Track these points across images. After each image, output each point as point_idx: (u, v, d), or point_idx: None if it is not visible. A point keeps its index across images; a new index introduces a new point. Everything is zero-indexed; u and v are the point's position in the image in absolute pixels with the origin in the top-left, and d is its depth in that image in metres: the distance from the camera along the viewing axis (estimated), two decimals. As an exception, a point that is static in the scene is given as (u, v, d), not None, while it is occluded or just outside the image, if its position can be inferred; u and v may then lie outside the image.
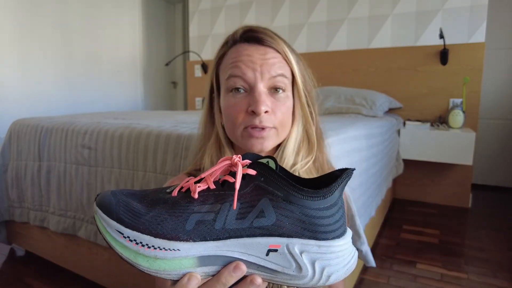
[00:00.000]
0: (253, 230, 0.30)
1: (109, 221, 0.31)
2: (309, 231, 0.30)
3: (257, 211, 0.31)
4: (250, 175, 0.32)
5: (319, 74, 0.60)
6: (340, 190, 0.32)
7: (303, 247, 0.30)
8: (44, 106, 2.50)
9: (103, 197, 0.32)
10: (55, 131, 1.30)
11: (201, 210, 0.31)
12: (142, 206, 0.32)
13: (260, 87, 0.51)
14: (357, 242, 0.95)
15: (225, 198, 0.31)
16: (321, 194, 0.30)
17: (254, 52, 0.52)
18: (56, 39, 2.58)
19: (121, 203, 0.31)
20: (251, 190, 0.31)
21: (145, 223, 0.30)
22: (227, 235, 0.30)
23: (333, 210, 0.31)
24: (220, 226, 0.30)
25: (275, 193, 0.31)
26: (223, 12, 3.05)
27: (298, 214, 0.30)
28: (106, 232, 0.31)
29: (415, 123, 2.19)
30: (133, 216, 0.31)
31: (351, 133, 1.20)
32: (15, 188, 1.43)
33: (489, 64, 2.58)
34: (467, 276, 1.38)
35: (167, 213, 0.31)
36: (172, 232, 0.30)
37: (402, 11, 2.35)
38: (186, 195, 0.32)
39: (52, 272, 1.42)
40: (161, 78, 3.70)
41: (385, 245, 1.68)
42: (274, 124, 0.52)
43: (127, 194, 0.33)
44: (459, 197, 2.27)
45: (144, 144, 1.05)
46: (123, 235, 0.30)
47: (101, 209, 0.31)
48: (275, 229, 0.30)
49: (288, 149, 0.55)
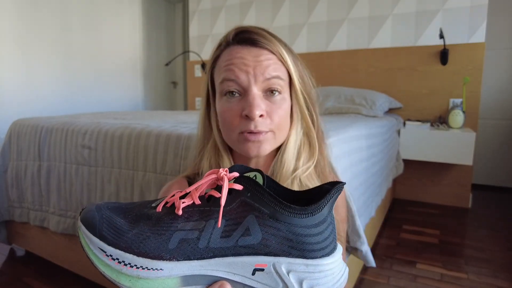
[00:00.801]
0: (238, 249, 0.29)
1: (92, 238, 0.30)
2: (297, 249, 0.29)
3: (243, 229, 0.29)
4: (236, 190, 0.31)
5: (319, 74, 0.60)
6: (329, 206, 0.30)
7: (290, 267, 0.29)
8: (44, 106, 2.50)
9: (87, 212, 0.31)
10: (55, 131, 1.30)
11: (185, 228, 0.30)
12: (126, 222, 0.31)
13: (254, 90, 0.49)
14: (357, 242, 0.94)
15: (210, 214, 0.30)
16: (309, 211, 0.29)
17: (247, 54, 0.50)
18: (56, 39, 2.57)
19: (105, 219, 0.30)
20: (237, 206, 0.30)
21: (128, 241, 0.29)
22: (212, 254, 0.29)
23: (322, 227, 0.30)
24: (204, 245, 0.29)
25: (262, 210, 0.29)
26: (223, 12, 3.05)
27: (285, 232, 0.29)
28: (88, 249, 0.30)
29: (415, 123, 2.19)
30: (116, 233, 0.30)
31: (351, 133, 1.19)
32: (15, 188, 1.42)
33: (489, 64, 2.58)
34: (467, 276, 1.38)
35: (150, 231, 0.30)
36: (154, 251, 0.29)
37: (402, 11, 2.34)
38: (171, 211, 0.31)
39: (52, 272, 1.42)
40: (161, 78, 3.70)
41: (385, 245, 1.68)
42: (270, 127, 0.50)
43: (112, 208, 0.32)
44: (459, 197, 2.27)
45: (144, 144, 1.05)
46: (106, 253, 0.29)
47: (84, 225, 0.30)
48: (261, 248, 0.29)
49: (288, 154, 0.54)
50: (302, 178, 0.53)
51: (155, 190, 1.02)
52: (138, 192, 1.06)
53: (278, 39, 0.53)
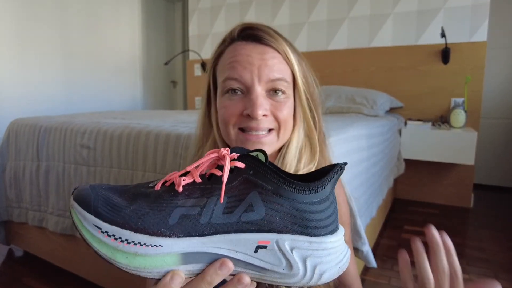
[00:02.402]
0: (241, 225, 0.29)
1: (86, 215, 0.29)
2: (300, 226, 0.29)
3: (246, 205, 0.29)
4: (239, 168, 0.30)
5: (320, 73, 0.58)
6: (332, 184, 0.30)
7: (294, 243, 0.29)
8: (42, 105, 2.49)
9: (80, 190, 0.30)
10: (53, 130, 1.29)
11: (185, 204, 0.29)
12: (123, 200, 0.30)
13: (258, 89, 0.48)
14: (358, 242, 0.95)
15: (211, 192, 0.30)
16: (313, 188, 0.29)
17: (252, 51, 0.49)
18: (55, 38, 2.57)
19: (100, 197, 0.30)
20: (239, 184, 0.30)
21: (125, 217, 0.28)
22: (213, 231, 0.29)
23: (325, 205, 0.30)
24: (206, 220, 0.29)
25: (265, 186, 0.29)
26: (223, 11, 3.04)
27: (289, 208, 0.29)
28: (82, 227, 0.29)
29: (416, 123, 2.19)
30: (112, 209, 0.29)
31: (352, 133, 1.19)
32: (13, 188, 1.42)
33: (491, 63, 2.57)
34: (468, 277, 1.38)
35: (149, 207, 0.29)
36: (154, 226, 0.28)
37: (403, 10, 2.33)
38: (170, 188, 0.31)
39: (51, 272, 1.42)
40: (160, 77, 3.69)
41: (386, 246, 1.68)
42: (273, 125, 0.50)
43: (107, 188, 0.31)
44: (461, 197, 2.27)
45: (144, 143, 1.05)
46: (101, 230, 0.28)
47: (78, 203, 0.29)
48: (264, 224, 0.29)
49: (289, 155, 0.53)
50: None
51: (154, 190, 1.01)
52: (137, 192, 1.05)
53: (283, 38, 0.52)
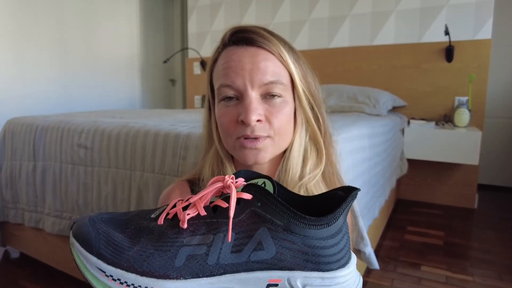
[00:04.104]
0: (250, 264, 0.28)
1: (89, 256, 0.28)
2: (312, 262, 0.28)
3: (255, 242, 0.28)
4: (245, 200, 0.29)
5: (321, 71, 0.57)
6: (344, 215, 0.29)
7: (306, 281, 0.28)
8: (39, 105, 2.48)
9: (80, 226, 0.29)
10: (50, 130, 1.29)
11: (191, 243, 0.28)
12: (125, 237, 0.29)
13: (251, 94, 0.47)
14: (360, 244, 0.95)
15: (218, 227, 0.29)
16: (325, 222, 0.28)
17: (243, 55, 0.48)
18: (52, 36, 2.55)
19: (101, 235, 0.28)
20: (247, 218, 0.28)
21: (130, 260, 0.28)
22: (222, 271, 0.28)
23: (338, 238, 0.29)
24: (213, 261, 0.28)
25: (274, 221, 0.28)
26: (223, 8, 3.03)
27: (300, 245, 0.28)
28: (85, 269, 0.28)
29: (419, 122, 2.18)
30: (115, 250, 0.28)
31: (354, 132, 1.19)
32: (9, 188, 1.41)
33: (495, 61, 2.55)
34: (472, 279, 1.37)
35: (153, 247, 0.28)
36: (160, 269, 0.27)
37: (406, 7, 2.32)
38: (174, 223, 0.29)
39: (48, 274, 1.41)
40: (159, 75, 3.68)
41: (389, 247, 1.67)
42: (268, 133, 0.48)
43: (107, 220, 0.30)
44: (465, 198, 2.25)
45: (142, 143, 1.04)
46: (105, 274, 0.27)
47: (78, 242, 0.28)
48: (275, 262, 0.28)
49: (293, 160, 0.51)
50: (308, 187, 0.51)
51: (153, 190, 1.01)
52: (135, 193, 1.05)
53: (277, 37, 0.51)
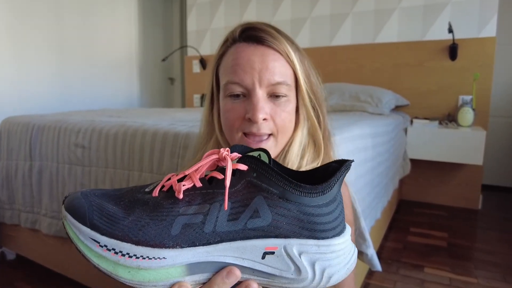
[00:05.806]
0: (247, 232, 0.28)
1: (81, 227, 0.27)
2: (308, 230, 0.29)
3: (251, 211, 0.28)
4: (241, 171, 0.29)
5: (322, 70, 0.58)
6: (338, 184, 0.30)
7: (302, 248, 0.29)
8: (35, 103, 2.47)
9: (72, 199, 0.29)
10: (47, 129, 1.28)
11: (187, 212, 0.28)
12: (119, 209, 0.29)
13: (259, 93, 0.50)
14: (363, 245, 0.95)
15: (214, 197, 0.29)
16: (320, 190, 0.29)
17: (253, 53, 0.50)
18: (49, 34, 2.54)
19: (95, 206, 0.28)
20: (243, 188, 0.29)
21: (124, 229, 0.27)
22: (219, 239, 0.28)
23: (333, 207, 0.30)
24: (210, 229, 0.28)
25: (270, 190, 0.29)
26: (223, 6, 3.01)
27: (296, 212, 0.29)
28: (78, 241, 0.28)
29: (422, 121, 2.17)
30: (110, 221, 0.28)
31: (356, 132, 1.18)
32: (5, 188, 1.41)
33: (500, 59, 2.54)
34: (476, 281, 1.37)
35: (149, 217, 0.28)
36: (156, 238, 0.27)
37: (409, 4, 2.31)
38: (169, 195, 0.30)
39: (44, 276, 1.41)
40: (157, 74, 3.66)
41: (391, 249, 1.67)
42: (272, 130, 0.51)
43: (100, 195, 0.30)
44: (469, 199, 2.25)
45: (140, 143, 1.04)
46: (99, 244, 0.27)
47: (71, 214, 0.28)
48: (271, 230, 0.29)
49: (292, 153, 0.54)
50: None
51: (151, 192, 0.99)
52: (133, 194, 1.03)
53: (285, 37, 0.53)
